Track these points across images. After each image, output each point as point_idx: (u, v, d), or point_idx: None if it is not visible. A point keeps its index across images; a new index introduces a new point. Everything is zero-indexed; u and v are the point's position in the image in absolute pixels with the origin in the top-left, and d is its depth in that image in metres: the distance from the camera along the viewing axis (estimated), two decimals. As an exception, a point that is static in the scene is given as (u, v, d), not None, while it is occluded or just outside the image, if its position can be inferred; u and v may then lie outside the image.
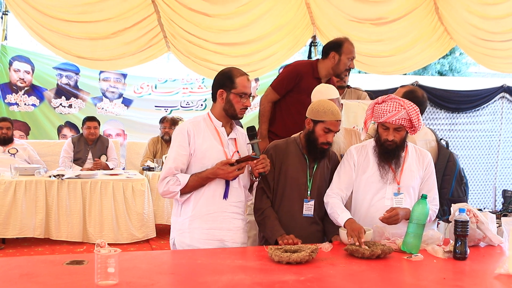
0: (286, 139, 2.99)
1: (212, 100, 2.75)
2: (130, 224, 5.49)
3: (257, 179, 2.83)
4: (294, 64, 3.99)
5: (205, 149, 2.64)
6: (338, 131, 2.81)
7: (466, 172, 7.26)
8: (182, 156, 2.63)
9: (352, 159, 2.86)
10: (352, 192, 2.89)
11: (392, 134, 2.72)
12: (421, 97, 3.33)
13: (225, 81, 2.66)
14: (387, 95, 2.79)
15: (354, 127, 4.21)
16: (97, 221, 5.38)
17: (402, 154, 2.80)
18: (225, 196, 2.68)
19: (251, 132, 2.72)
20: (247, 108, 2.70)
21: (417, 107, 2.73)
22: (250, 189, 2.88)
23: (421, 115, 3.37)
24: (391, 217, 2.62)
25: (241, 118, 2.77)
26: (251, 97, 2.71)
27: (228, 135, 2.73)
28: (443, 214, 3.09)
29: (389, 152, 2.76)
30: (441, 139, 3.45)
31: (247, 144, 2.78)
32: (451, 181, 3.26)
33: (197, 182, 2.62)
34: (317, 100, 2.92)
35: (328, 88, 3.33)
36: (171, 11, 6.86)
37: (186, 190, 2.62)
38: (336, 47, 3.80)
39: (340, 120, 2.81)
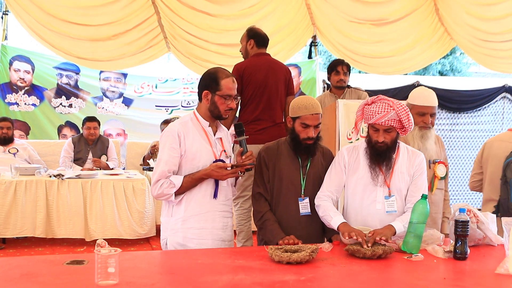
0: (277, 140, 3.00)
1: (198, 99, 2.77)
2: (132, 220, 5.47)
3: (243, 174, 2.90)
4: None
5: (195, 151, 2.68)
6: (316, 125, 2.77)
7: (467, 172, 7.28)
8: (174, 158, 2.65)
9: (343, 160, 2.82)
10: (343, 194, 2.86)
11: (382, 135, 2.67)
12: None
13: (210, 82, 2.68)
14: (376, 96, 2.75)
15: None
16: (98, 221, 5.36)
17: (393, 155, 2.75)
18: (215, 195, 2.73)
19: (239, 128, 2.79)
20: (231, 109, 2.74)
21: (406, 107, 2.67)
22: (235, 185, 2.94)
23: None
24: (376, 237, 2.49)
25: (226, 118, 2.83)
26: (236, 98, 2.73)
27: (214, 135, 2.77)
28: None
29: (380, 154, 2.71)
30: None
31: (235, 140, 2.84)
32: None
33: (190, 184, 2.66)
34: (295, 98, 2.94)
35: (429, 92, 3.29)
36: (171, 13, 6.86)
37: (180, 191, 2.65)
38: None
39: (318, 114, 2.77)
